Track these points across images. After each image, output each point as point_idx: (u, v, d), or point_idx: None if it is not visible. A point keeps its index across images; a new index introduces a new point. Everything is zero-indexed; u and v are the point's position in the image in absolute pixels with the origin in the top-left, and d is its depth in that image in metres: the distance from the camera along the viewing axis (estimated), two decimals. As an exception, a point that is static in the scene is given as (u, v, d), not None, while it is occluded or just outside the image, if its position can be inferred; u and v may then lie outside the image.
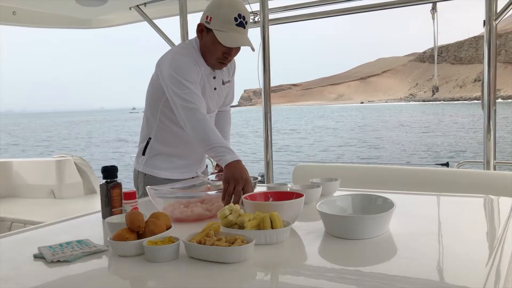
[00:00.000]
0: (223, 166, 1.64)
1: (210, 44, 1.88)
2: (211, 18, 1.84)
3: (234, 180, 1.57)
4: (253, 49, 1.91)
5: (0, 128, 62.02)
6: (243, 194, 1.53)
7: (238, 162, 1.63)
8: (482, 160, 2.79)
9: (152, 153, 2.08)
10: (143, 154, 2.10)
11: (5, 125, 76.27)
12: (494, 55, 2.72)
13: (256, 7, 3.46)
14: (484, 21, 2.70)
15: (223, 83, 2.08)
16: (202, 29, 1.90)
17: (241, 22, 1.83)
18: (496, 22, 2.69)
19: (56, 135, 45.43)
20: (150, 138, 2.08)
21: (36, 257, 1.19)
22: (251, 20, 3.58)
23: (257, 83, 3.42)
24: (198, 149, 2.07)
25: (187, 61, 1.88)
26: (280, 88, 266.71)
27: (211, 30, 1.85)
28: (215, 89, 2.03)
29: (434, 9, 3.12)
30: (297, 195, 1.44)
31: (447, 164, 3.60)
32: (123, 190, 1.55)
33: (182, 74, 1.83)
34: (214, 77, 2.02)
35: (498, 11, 2.69)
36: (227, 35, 1.82)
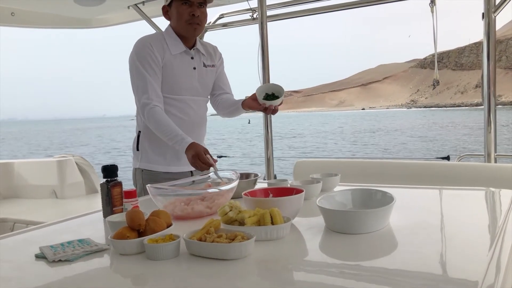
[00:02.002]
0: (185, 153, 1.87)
1: (176, 13, 2.03)
2: None
3: (194, 157, 1.81)
4: None
5: (13, 136, 61.85)
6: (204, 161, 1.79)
7: (192, 144, 1.85)
8: (483, 153, 2.79)
9: (144, 146, 2.12)
10: (137, 149, 2.14)
11: (15, 133, 75.56)
12: (493, 47, 2.71)
13: (254, 3, 3.46)
14: (483, 13, 2.69)
15: (205, 66, 2.14)
16: (166, 10, 2.09)
17: None
18: (495, 15, 2.68)
19: (69, 140, 45.38)
20: (140, 132, 2.12)
21: (37, 257, 1.20)
22: (249, 17, 3.58)
23: None
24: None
25: (145, 44, 2.02)
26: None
27: (171, 2, 2.04)
28: (194, 68, 2.10)
29: (432, 2, 3.11)
30: (297, 190, 1.45)
31: (447, 158, 3.59)
32: (124, 189, 1.55)
33: (140, 59, 1.99)
34: (192, 57, 2.10)
35: (496, 4, 2.68)
36: None
